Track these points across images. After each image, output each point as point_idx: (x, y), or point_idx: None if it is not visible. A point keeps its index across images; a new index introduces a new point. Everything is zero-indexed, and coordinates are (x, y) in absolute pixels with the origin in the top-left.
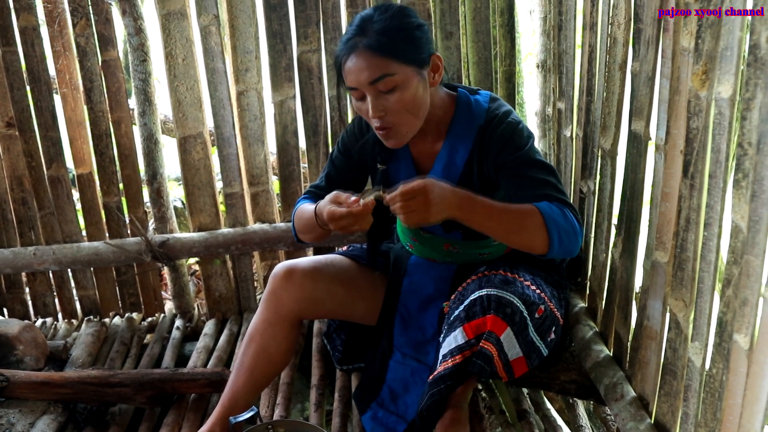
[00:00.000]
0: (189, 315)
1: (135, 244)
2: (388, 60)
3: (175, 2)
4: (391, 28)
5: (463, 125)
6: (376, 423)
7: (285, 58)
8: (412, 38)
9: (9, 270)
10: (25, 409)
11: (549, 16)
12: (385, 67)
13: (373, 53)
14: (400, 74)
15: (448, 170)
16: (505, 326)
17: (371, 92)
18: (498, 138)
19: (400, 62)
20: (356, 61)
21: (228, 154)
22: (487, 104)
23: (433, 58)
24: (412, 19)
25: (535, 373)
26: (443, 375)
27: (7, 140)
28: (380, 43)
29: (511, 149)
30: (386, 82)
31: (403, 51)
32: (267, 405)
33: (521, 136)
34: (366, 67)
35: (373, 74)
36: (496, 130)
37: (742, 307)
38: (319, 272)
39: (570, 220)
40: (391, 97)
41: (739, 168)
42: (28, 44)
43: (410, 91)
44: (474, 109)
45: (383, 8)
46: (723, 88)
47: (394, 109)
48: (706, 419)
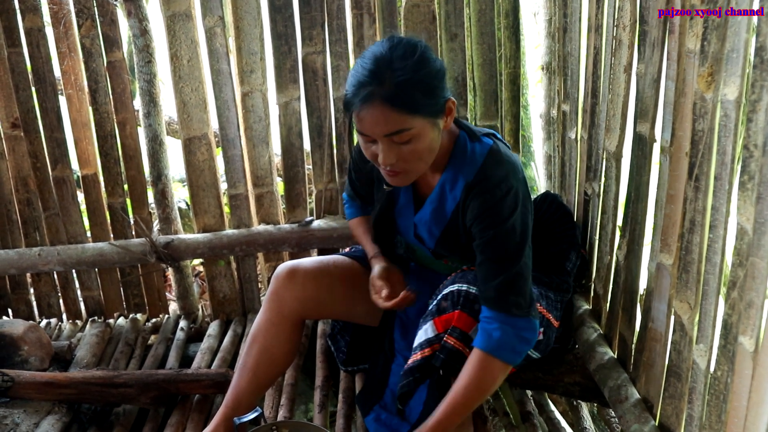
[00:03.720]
0: (193, 316)
1: (139, 245)
2: (406, 115)
3: (181, 4)
4: (411, 82)
5: (454, 173)
6: (380, 425)
7: (290, 60)
8: (432, 90)
9: (14, 271)
10: (29, 409)
11: (554, 18)
12: (402, 122)
13: (391, 107)
14: (416, 128)
15: (436, 215)
16: (471, 322)
17: (385, 142)
18: (478, 205)
19: (417, 116)
20: (372, 112)
21: (232, 155)
22: (483, 159)
23: (448, 103)
24: (431, 68)
25: (539, 375)
26: (412, 367)
27: (13, 141)
28: (399, 97)
29: (486, 220)
30: (402, 136)
31: (421, 105)
32: (271, 406)
33: (501, 210)
34: (383, 120)
35: (390, 129)
36: (479, 196)
37: (747, 309)
38: (322, 272)
39: (524, 335)
40: (405, 148)
41: (745, 170)
42: (34, 45)
43: (425, 142)
44: (468, 159)
45: (403, 53)
46: (729, 90)
47: (407, 159)
48: (711, 422)
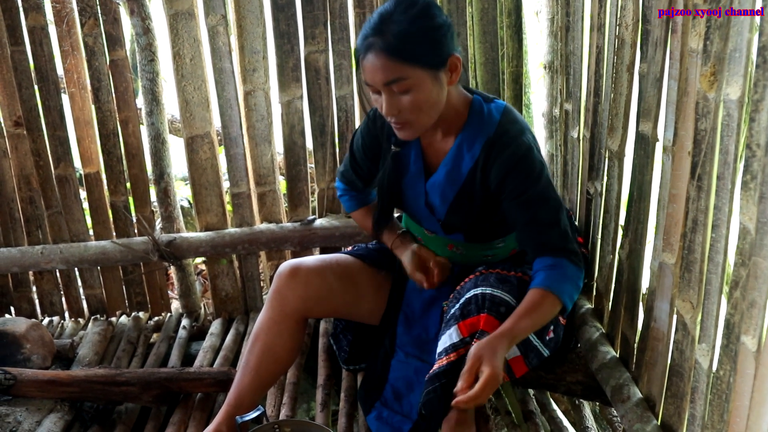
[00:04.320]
0: (195, 314)
1: (142, 243)
2: (403, 64)
3: (183, 2)
4: (408, 32)
5: (472, 133)
6: (381, 423)
7: (292, 59)
8: (430, 42)
9: (16, 269)
10: (32, 407)
11: (556, 17)
12: (399, 71)
13: (388, 56)
14: (413, 78)
15: (451, 176)
16: (498, 325)
17: (385, 91)
18: (506, 160)
19: (414, 66)
20: (372, 61)
21: (235, 153)
22: (500, 116)
23: (452, 58)
24: (432, 21)
25: (541, 374)
26: (438, 373)
27: (15, 139)
28: (395, 46)
29: (519, 177)
30: (400, 85)
31: (418, 55)
32: (273, 405)
33: (532, 164)
34: (380, 68)
35: (386, 77)
36: (504, 149)
37: (749, 308)
38: (324, 271)
39: (573, 275)
40: (404, 98)
41: (748, 170)
42: (37, 44)
43: (424, 93)
44: (486, 118)
45: (405, 7)
46: (731, 89)
47: (407, 109)
48: (713, 421)
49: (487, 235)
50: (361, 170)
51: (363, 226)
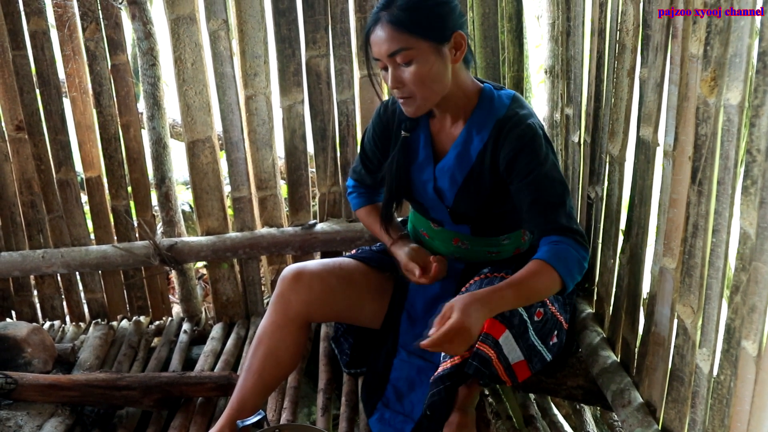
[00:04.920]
0: (196, 319)
1: (143, 247)
2: (407, 35)
3: (185, 7)
4: (414, 5)
5: (482, 117)
6: (384, 424)
7: (293, 63)
8: (434, 15)
9: (17, 273)
10: (32, 411)
11: (557, 21)
12: (403, 42)
13: (393, 27)
14: (416, 49)
15: (460, 159)
16: (503, 329)
17: (390, 64)
18: (515, 139)
19: (417, 37)
20: (378, 33)
21: (236, 158)
22: (509, 101)
23: (456, 35)
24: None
25: (542, 378)
26: (442, 376)
27: (17, 143)
28: (400, 18)
29: (527, 157)
30: (403, 56)
31: (422, 27)
32: (274, 409)
33: (540, 145)
34: (385, 40)
35: (390, 47)
36: (514, 129)
37: (750, 313)
38: (328, 275)
39: (577, 255)
40: (407, 70)
41: (748, 174)
42: (38, 48)
43: (426, 65)
44: (496, 102)
45: None
46: (732, 94)
47: (411, 81)
48: (714, 426)
49: (494, 228)
50: (371, 164)
51: (367, 224)
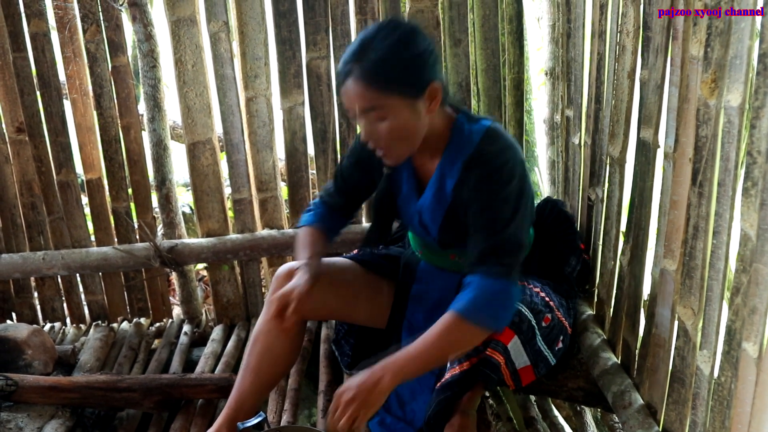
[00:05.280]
0: (197, 320)
1: (143, 249)
2: (379, 92)
3: (185, 9)
4: (386, 60)
5: (452, 154)
6: (384, 428)
7: (294, 65)
8: (409, 70)
9: (18, 274)
10: (33, 413)
11: (557, 23)
12: (375, 100)
13: (365, 84)
14: (389, 107)
15: (438, 197)
16: (512, 335)
17: (363, 118)
18: (478, 177)
19: (391, 95)
20: (349, 87)
21: (237, 160)
22: (480, 137)
23: (431, 86)
24: (412, 49)
25: (543, 380)
26: (450, 382)
27: (17, 145)
28: (373, 74)
29: (483, 189)
30: (376, 114)
31: (396, 84)
32: (274, 411)
33: (499, 177)
34: (357, 96)
35: (362, 105)
36: (479, 168)
37: (751, 315)
38: (325, 273)
39: (498, 298)
40: (381, 126)
41: (748, 176)
42: (39, 50)
43: (400, 122)
44: (465, 140)
45: (386, 32)
46: (732, 96)
47: (385, 137)
48: (715, 428)
49: None
50: (346, 185)
51: (302, 244)
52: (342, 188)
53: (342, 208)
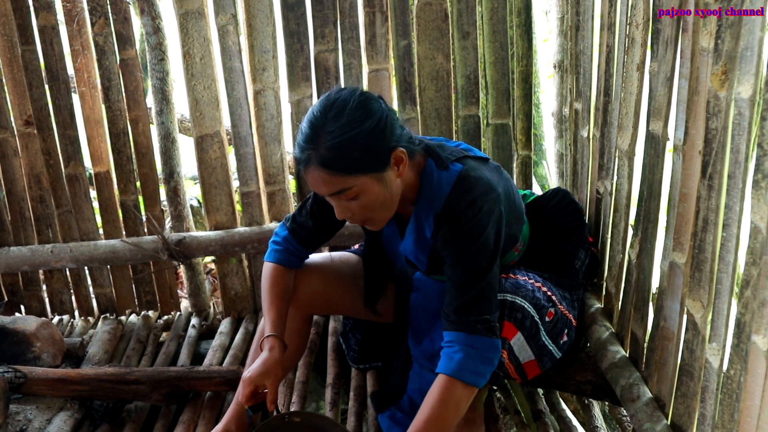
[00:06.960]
0: (205, 313)
1: (151, 242)
2: (342, 176)
3: (193, 1)
4: (343, 146)
5: (424, 205)
6: (394, 422)
7: (302, 58)
8: (366, 149)
9: (26, 267)
10: (42, 405)
11: (566, 16)
12: (341, 184)
13: (326, 171)
14: (358, 185)
15: (419, 243)
16: (515, 331)
17: (333, 200)
18: (446, 231)
19: (356, 176)
20: (312, 175)
21: (245, 153)
22: (450, 188)
23: (395, 153)
24: (364, 126)
25: (551, 373)
26: None
27: (26, 138)
28: (331, 160)
29: (454, 245)
30: (345, 195)
31: (357, 165)
32: (282, 403)
33: (469, 231)
34: (322, 183)
35: (329, 190)
36: (447, 223)
37: (760, 308)
38: (331, 267)
39: (486, 356)
40: (353, 203)
41: (759, 169)
42: (47, 43)
43: (372, 197)
44: (435, 190)
45: (335, 112)
46: (743, 88)
47: (360, 212)
48: (723, 421)
49: None
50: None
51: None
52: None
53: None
